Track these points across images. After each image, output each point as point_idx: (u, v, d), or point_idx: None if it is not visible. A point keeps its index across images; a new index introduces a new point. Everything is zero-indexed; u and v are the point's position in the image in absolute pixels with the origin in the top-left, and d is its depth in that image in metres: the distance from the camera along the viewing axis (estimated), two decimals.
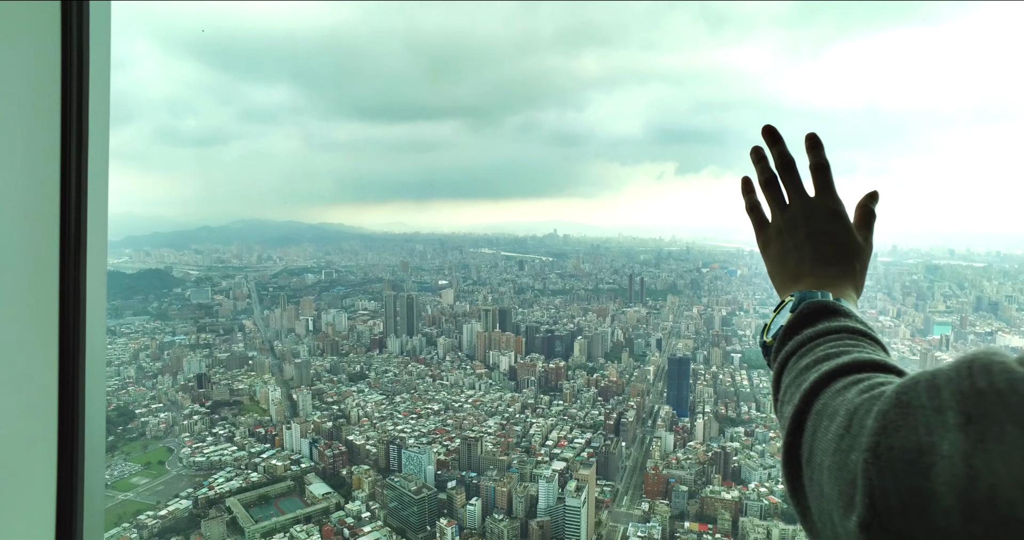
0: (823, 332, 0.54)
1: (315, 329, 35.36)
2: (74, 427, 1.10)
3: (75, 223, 1.07)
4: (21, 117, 1.02)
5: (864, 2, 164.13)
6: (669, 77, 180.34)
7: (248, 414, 27.31)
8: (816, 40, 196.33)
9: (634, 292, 46.83)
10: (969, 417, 0.29)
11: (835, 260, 0.64)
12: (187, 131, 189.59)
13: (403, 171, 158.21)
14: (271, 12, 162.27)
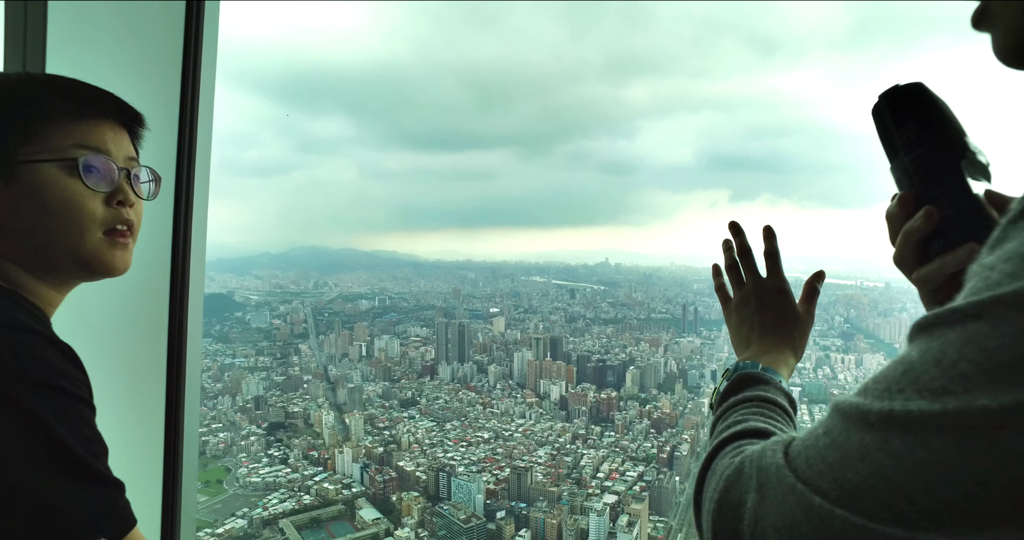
0: (741, 400, 0.66)
1: (368, 355, 35.80)
2: (176, 439, 1.18)
3: (184, 235, 1.16)
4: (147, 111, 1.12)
5: (918, 24, 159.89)
6: (720, 104, 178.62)
7: (302, 437, 27.72)
8: (871, 63, 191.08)
9: (688, 322, 45.88)
10: (760, 484, 0.42)
11: (778, 329, 0.78)
12: (250, 162, 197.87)
13: (455, 199, 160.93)
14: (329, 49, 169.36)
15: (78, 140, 0.68)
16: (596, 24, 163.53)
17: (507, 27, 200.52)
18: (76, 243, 0.68)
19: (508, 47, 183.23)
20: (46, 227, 0.67)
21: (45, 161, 0.66)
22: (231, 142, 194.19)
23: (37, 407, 0.56)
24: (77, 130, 0.68)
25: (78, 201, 0.67)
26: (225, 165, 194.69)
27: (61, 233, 0.67)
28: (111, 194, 0.70)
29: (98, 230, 0.69)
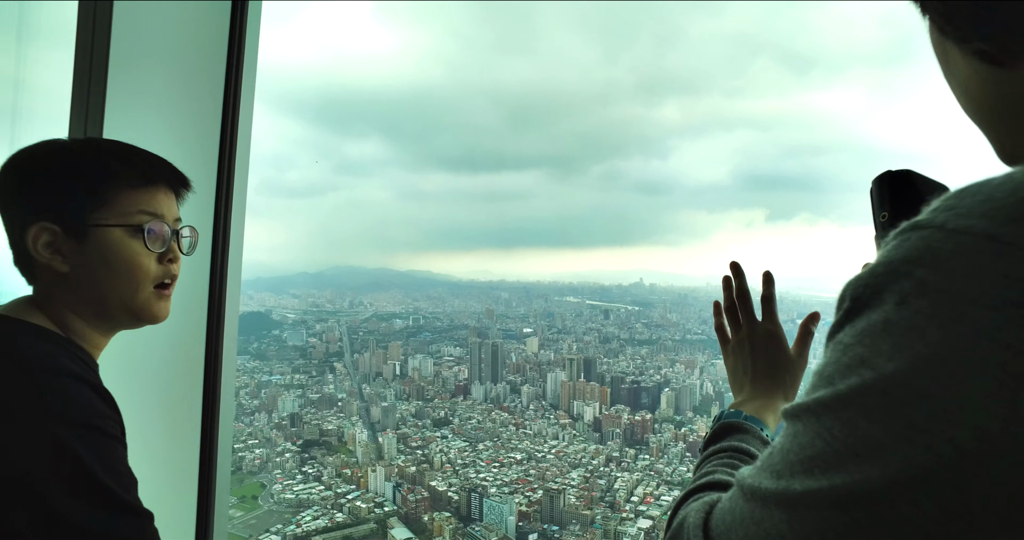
0: (718, 450, 0.68)
1: (402, 374, 36.15)
2: (211, 445, 1.18)
3: (221, 254, 1.18)
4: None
5: None
6: (755, 123, 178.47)
7: (336, 455, 27.96)
8: (911, 78, 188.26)
9: None
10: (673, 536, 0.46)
11: (769, 374, 0.80)
12: (288, 183, 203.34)
13: (488, 220, 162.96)
14: (364, 73, 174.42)
15: (141, 206, 0.78)
16: (628, 44, 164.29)
17: (539, 49, 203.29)
18: (131, 296, 0.79)
19: (541, 69, 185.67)
20: (108, 282, 0.77)
21: (115, 225, 0.77)
22: (271, 164, 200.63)
23: (76, 445, 0.64)
24: (140, 198, 0.79)
25: (138, 260, 0.78)
26: (265, 187, 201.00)
27: (120, 287, 0.78)
28: (162, 253, 0.81)
29: (150, 285, 0.80)
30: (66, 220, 0.76)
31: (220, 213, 1.18)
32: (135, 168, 0.79)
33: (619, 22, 46.00)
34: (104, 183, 0.77)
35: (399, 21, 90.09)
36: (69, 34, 1.04)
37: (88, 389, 0.70)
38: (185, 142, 1.17)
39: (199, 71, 1.20)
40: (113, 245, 0.77)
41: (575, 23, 58.21)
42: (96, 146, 0.82)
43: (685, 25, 41.34)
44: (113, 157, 0.79)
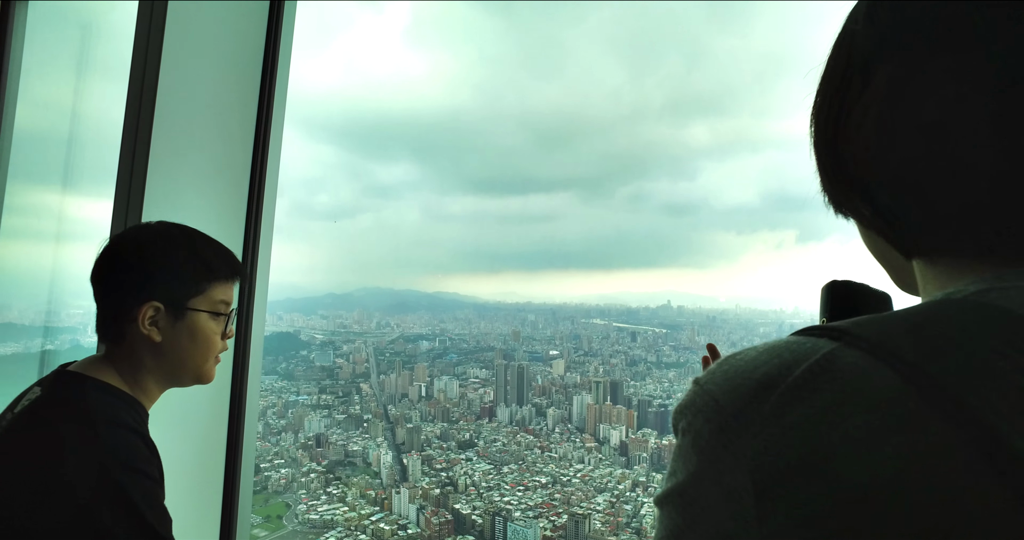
0: None
1: (427, 395, 35.88)
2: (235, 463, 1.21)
3: (249, 275, 1.23)
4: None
5: None
6: (783, 143, 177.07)
7: (360, 476, 27.88)
8: None
9: None
10: None
11: None
12: (319, 206, 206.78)
13: (516, 242, 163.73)
14: (396, 97, 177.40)
15: (224, 297, 0.98)
16: (656, 66, 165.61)
17: (567, 71, 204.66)
18: (201, 365, 0.97)
19: (568, 91, 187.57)
20: (189, 353, 0.95)
21: (205, 311, 0.95)
22: (303, 187, 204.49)
23: (130, 491, 0.77)
24: (225, 290, 0.98)
25: (214, 340, 0.97)
26: (297, 209, 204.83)
27: (196, 358, 0.96)
28: (225, 332, 0.99)
29: (213, 357, 0.98)
30: (170, 301, 0.93)
31: (249, 235, 1.24)
32: (227, 266, 0.99)
33: (646, 44, 46.06)
34: (205, 276, 0.96)
35: (429, 45, 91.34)
36: (121, 67, 1.13)
37: (138, 439, 0.84)
38: (220, 167, 1.24)
39: (234, 99, 1.27)
40: (200, 326, 0.95)
41: (603, 45, 58.26)
42: (197, 240, 0.99)
43: (712, 45, 41.14)
44: (214, 255, 0.99)
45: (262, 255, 1.24)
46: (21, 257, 2.06)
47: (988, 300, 0.34)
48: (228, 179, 1.22)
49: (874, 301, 0.62)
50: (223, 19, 1.24)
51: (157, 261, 0.95)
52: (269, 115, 1.26)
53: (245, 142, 1.24)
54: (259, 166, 1.23)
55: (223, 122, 1.23)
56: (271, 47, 1.29)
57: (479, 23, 37.34)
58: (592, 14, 31.54)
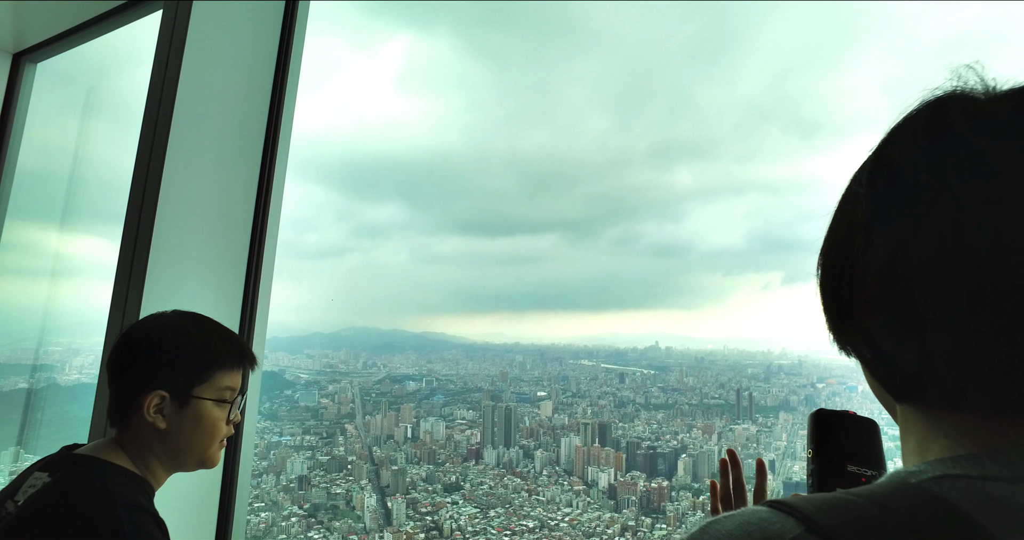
0: None
1: (413, 436, 34.87)
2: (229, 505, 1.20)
3: (249, 316, 1.25)
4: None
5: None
6: (766, 187, 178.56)
7: (343, 520, 26.93)
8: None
9: (742, 408, 43.53)
10: None
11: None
12: (308, 246, 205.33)
13: (504, 283, 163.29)
14: (386, 139, 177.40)
15: (230, 385, 0.99)
16: (641, 113, 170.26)
17: (554, 118, 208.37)
18: (205, 450, 0.98)
19: (556, 136, 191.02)
20: (193, 439, 0.97)
21: (209, 399, 0.97)
22: (292, 226, 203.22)
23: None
24: (231, 378, 0.99)
25: (219, 426, 0.98)
26: (286, 248, 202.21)
27: (200, 443, 0.97)
28: (230, 417, 1.00)
29: (217, 442, 0.99)
30: (175, 390, 0.96)
31: (251, 275, 1.26)
32: (232, 354, 1.00)
33: (632, 92, 48.39)
34: (209, 365, 0.97)
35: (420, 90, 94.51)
36: (127, 110, 1.17)
37: (152, 520, 0.87)
38: (225, 211, 1.28)
39: (241, 143, 1.31)
40: (205, 413, 0.97)
41: (590, 93, 61.16)
42: (207, 330, 1.02)
43: (696, 93, 43.50)
44: (221, 343, 1.00)
45: (262, 297, 1.27)
46: (13, 293, 2.07)
47: (939, 491, 0.38)
48: (232, 224, 1.25)
49: (859, 429, 0.64)
50: (234, 57, 1.29)
51: (166, 351, 0.97)
52: (273, 159, 1.30)
53: (249, 188, 1.28)
54: (262, 209, 1.27)
55: (229, 168, 1.27)
56: (278, 87, 1.34)
57: (470, 70, 38.61)
58: (579, 63, 33.05)
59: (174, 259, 1.12)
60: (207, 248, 1.21)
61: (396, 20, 17.94)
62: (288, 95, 1.37)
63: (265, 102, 1.33)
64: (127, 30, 1.61)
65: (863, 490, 0.39)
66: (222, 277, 1.23)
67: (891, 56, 14.45)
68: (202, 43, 1.18)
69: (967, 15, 11.76)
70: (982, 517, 0.36)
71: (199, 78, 1.17)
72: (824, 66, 17.54)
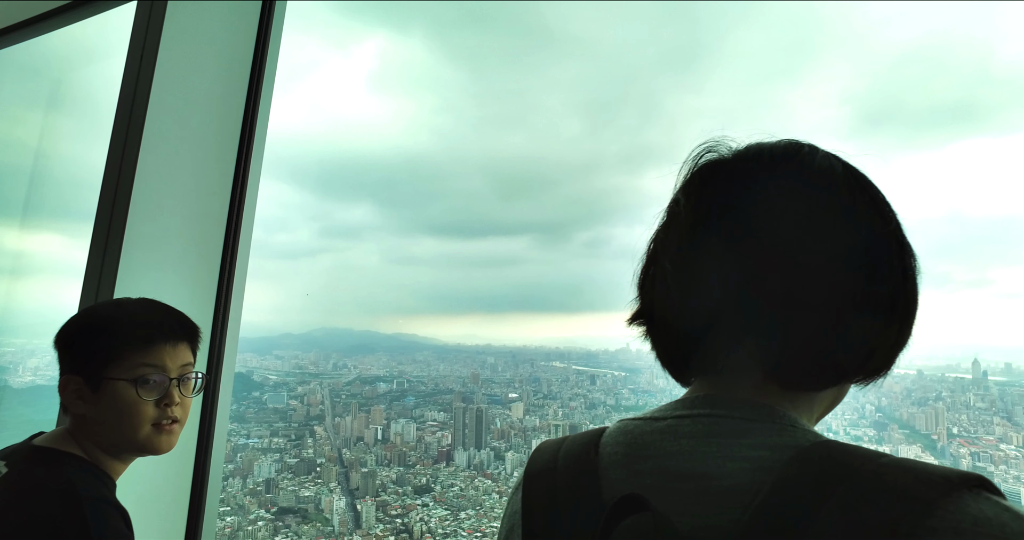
0: None
1: (384, 438, 34.62)
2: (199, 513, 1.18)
3: (222, 315, 1.22)
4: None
5: (926, 115, 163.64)
6: None
7: (312, 523, 26.63)
8: (882, 152, 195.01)
9: None
10: None
11: None
12: (279, 245, 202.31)
13: (476, 285, 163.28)
14: (359, 139, 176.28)
15: (143, 360, 0.94)
16: (613, 118, 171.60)
17: (529, 121, 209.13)
18: (132, 435, 0.94)
19: (529, 139, 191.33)
20: (113, 423, 0.93)
21: (119, 379, 0.92)
22: (262, 226, 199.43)
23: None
24: (145, 354, 0.95)
25: (140, 408, 0.94)
26: (255, 248, 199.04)
27: (123, 428, 0.93)
28: (160, 398, 0.96)
29: (147, 425, 0.95)
30: (86, 372, 0.93)
31: (224, 275, 1.24)
32: (144, 328, 0.96)
33: (605, 97, 48.57)
34: (117, 342, 0.94)
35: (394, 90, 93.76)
36: (96, 105, 1.14)
37: (115, 511, 0.86)
38: (198, 209, 1.25)
39: (216, 141, 1.29)
40: (119, 394, 0.93)
41: (564, 98, 61.32)
42: (116, 311, 0.98)
43: (666, 100, 43.86)
44: (126, 322, 0.96)
45: (235, 296, 1.24)
46: None
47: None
48: (206, 223, 1.22)
49: None
50: (210, 53, 1.27)
51: (77, 334, 0.96)
52: (248, 157, 1.28)
53: (223, 187, 1.25)
54: (236, 208, 1.24)
55: (204, 167, 1.24)
56: (254, 85, 1.32)
57: (444, 71, 38.45)
58: (554, 68, 33.19)
59: (147, 257, 1.09)
60: (180, 247, 1.18)
61: (371, 20, 17.83)
62: (264, 93, 1.35)
63: (241, 100, 1.31)
64: (99, 20, 1.55)
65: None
66: (195, 276, 1.21)
67: (849, 68, 14.88)
68: (178, 39, 1.15)
69: (920, 30, 12.13)
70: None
71: (174, 75, 1.15)
72: (788, 76, 17.96)
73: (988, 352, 14.30)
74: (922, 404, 15.01)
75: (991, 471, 11.02)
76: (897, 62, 16.68)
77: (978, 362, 13.38)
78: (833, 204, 0.49)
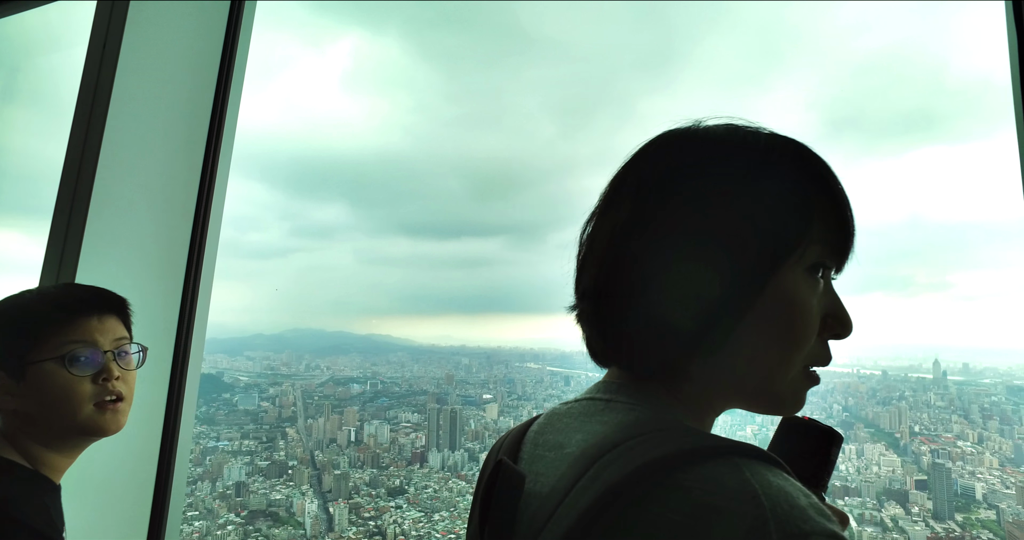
0: None
1: (357, 440, 34.19)
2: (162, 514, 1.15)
3: (188, 315, 1.20)
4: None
5: (886, 123, 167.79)
6: None
7: (283, 527, 26.23)
8: (846, 159, 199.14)
9: None
10: None
11: None
12: (250, 245, 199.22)
13: (451, 286, 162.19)
14: (332, 138, 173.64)
15: (69, 337, 0.87)
16: (586, 121, 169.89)
17: (504, 122, 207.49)
18: (72, 418, 0.86)
19: (504, 140, 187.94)
20: (49, 410, 0.85)
21: (45, 360, 0.85)
22: (233, 224, 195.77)
23: None
24: (69, 330, 0.87)
25: (75, 386, 0.86)
26: (226, 248, 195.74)
27: (61, 412, 0.85)
28: (96, 374, 0.88)
29: (88, 404, 0.87)
30: (7, 364, 0.86)
31: (191, 274, 1.21)
32: (63, 307, 0.89)
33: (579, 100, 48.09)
34: (31, 326, 0.87)
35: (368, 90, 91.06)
36: (56, 97, 1.10)
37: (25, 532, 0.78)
38: (164, 206, 1.22)
39: (183, 138, 1.26)
40: (47, 377, 0.85)
41: (539, 100, 60.53)
42: (31, 295, 0.91)
43: (638, 103, 43.67)
44: (41, 301, 0.90)
45: (202, 296, 1.22)
46: None
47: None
48: (171, 220, 1.20)
49: (810, 438, 0.62)
50: (177, 46, 1.24)
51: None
52: (216, 155, 1.26)
53: (190, 185, 1.23)
54: (203, 206, 1.22)
55: (169, 164, 1.22)
56: (223, 81, 1.30)
57: (419, 71, 38.00)
58: (529, 70, 33.04)
59: (108, 255, 1.06)
60: (144, 244, 1.15)
61: (347, 18, 17.62)
62: (233, 91, 1.33)
63: (209, 97, 1.28)
64: (60, 6, 1.50)
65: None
66: (161, 274, 1.18)
67: (815, 75, 15.15)
68: (141, 37, 1.12)
69: (881, 41, 12.38)
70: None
71: (138, 73, 1.12)
72: (757, 82, 18.25)
73: (948, 352, 14.20)
74: (886, 404, 15.30)
75: (949, 467, 11.22)
76: (860, 71, 16.90)
77: (938, 362, 13.68)
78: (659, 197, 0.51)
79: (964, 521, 10.69)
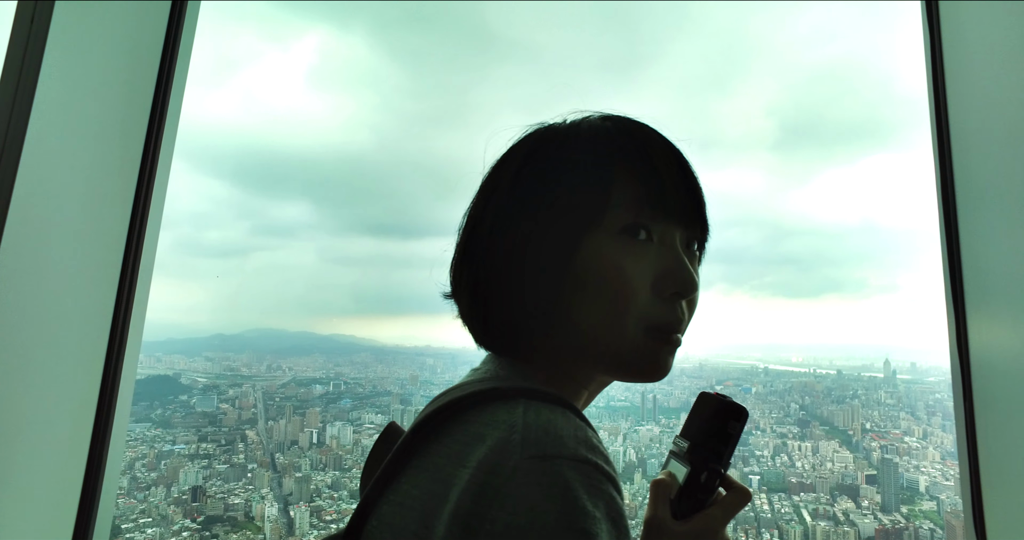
0: None
1: (319, 442, 33.70)
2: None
3: (124, 310, 1.16)
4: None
5: (841, 130, 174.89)
6: None
7: (241, 532, 25.64)
8: (804, 164, 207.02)
9: (647, 409, 45.04)
10: None
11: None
12: (208, 243, 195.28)
13: (415, 285, 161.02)
14: (294, 136, 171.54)
15: None
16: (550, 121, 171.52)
17: (468, 121, 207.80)
18: None
19: (468, 139, 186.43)
20: None
21: None
22: (190, 222, 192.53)
23: None
24: None
25: None
26: (182, 246, 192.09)
27: None
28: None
29: None
30: None
31: (128, 269, 1.18)
32: None
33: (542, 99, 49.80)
34: None
35: (332, 87, 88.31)
36: None
37: None
38: (94, 202, 1.18)
39: (120, 121, 1.22)
40: None
41: (503, 99, 59.66)
42: None
43: (602, 105, 45.07)
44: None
45: (139, 296, 1.19)
46: None
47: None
48: (102, 222, 1.16)
49: (713, 411, 0.62)
50: (114, 33, 1.20)
51: None
52: (159, 141, 1.23)
53: (127, 183, 1.19)
54: (141, 206, 1.19)
55: (105, 147, 1.18)
56: (165, 69, 1.26)
57: (384, 70, 37.24)
58: (495, 70, 32.50)
59: (31, 261, 1.02)
60: (72, 247, 1.11)
61: (312, 15, 17.31)
62: (176, 86, 1.30)
63: (148, 96, 1.25)
64: None
65: None
66: (90, 276, 1.14)
67: (774, 82, 15.47)
68: (67, 38, 1.09)
69: (834, 50, 12.77)
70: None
71: (63, 72, 1.08)
72: (718, 87, 18.57)
73: (898, 352, 14.90)
74: (840, 402, 15.72)
75: (897, 462, 11.57)
76: (817, 79, 17.36)
77: (888, 362, 14.02)
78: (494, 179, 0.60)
79: (909, 513, 11.14)
